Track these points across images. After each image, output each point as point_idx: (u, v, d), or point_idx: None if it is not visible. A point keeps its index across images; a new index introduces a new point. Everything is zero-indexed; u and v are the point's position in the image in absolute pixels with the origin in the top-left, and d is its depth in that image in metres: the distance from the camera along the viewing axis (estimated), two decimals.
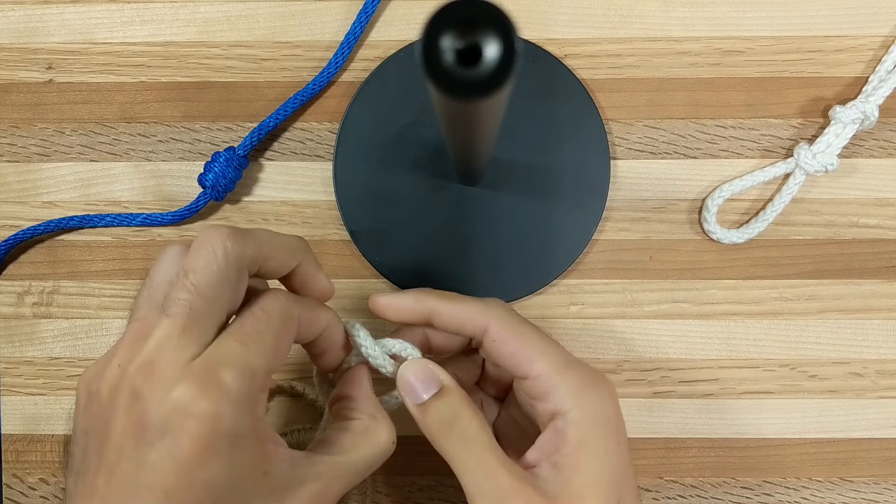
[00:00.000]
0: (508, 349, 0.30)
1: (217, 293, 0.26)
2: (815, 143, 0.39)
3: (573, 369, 0.30)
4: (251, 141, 0.39)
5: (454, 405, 0.30)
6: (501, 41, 0.19)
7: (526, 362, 0.30)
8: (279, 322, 0.27)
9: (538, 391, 0.30)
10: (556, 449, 0.29)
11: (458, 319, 0.31)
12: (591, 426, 0.29)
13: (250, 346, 0.26)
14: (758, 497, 0.39)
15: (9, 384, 0.40)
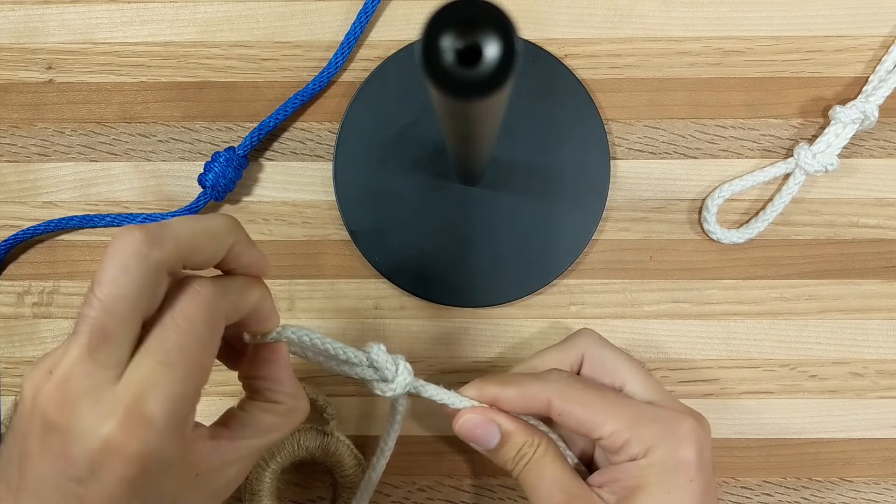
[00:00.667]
0: (574, 420, 0.31)
1: (129, 307, 0.23)
2: (815, 143, 0.39)
3: (644, 421, 0.31)
4: (251, 141, 0.39)
5: (518, 445, 0.32)
6: (501, 41, 0.19)
7: (595, 427, 0.31)
8: (205, 329, 0.25)
9: (613, 448, 0.31)
10: (618, 479, 0.31)
11: (522, 403, 0.32)
12: (658, 470, 0.30)
13: (176, 368, 0.24)
14: (758, 497, 0.39)
15: (9, 384, 0.40)
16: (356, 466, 0.37)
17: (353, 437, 0.38)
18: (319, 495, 0.39)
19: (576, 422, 0.31)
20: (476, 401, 0.32)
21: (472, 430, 0.32)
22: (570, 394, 0.31)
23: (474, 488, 0.39)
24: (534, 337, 0.39)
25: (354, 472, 0.37)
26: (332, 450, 0.37)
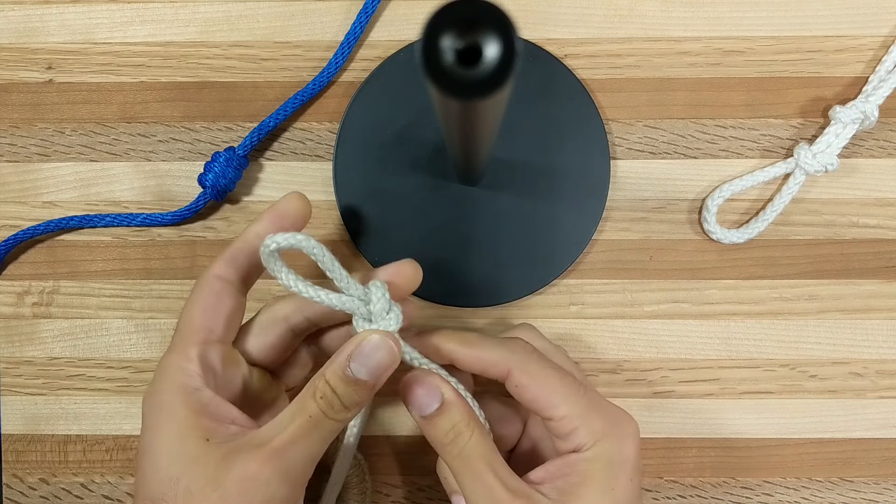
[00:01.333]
0: (530, 395, 0.31)
1: None
2: (815, 143, 0.39)
3: (595, 412, 0.30)
4: (251, 141, 0.39)
5: (455, 420, 0.30)
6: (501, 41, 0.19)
7: (549, 407, 0.30)
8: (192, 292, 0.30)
9: (561, 432, 0.31)
10: (562, 475, 0.30)
11: (480, 365, 0.31)
12: (604, 464, 0.30)
13: None
14: (758, 497, 0.39)
15: (9, 384, 0.40)
16: (356, 467, 0.37)
17: None
18: (319, 495, 0.39)
19: (531, 397, 0.30)
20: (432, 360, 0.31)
21: (413, 388, 0.30)
22: (531, 368, 0.31)
23: None
24: None
25: (354, 472, 0.37)
26: (331, 450, 0.37)
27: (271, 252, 0.28)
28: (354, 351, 0.28)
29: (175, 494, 0.27)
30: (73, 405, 0.40)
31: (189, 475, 0.27)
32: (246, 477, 0.27)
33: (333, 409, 0.28)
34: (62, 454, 0.40)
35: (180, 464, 0.28)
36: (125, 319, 0.40)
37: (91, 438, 0.40)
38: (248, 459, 0.27)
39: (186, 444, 0.28)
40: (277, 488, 0.27)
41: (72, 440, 0.40)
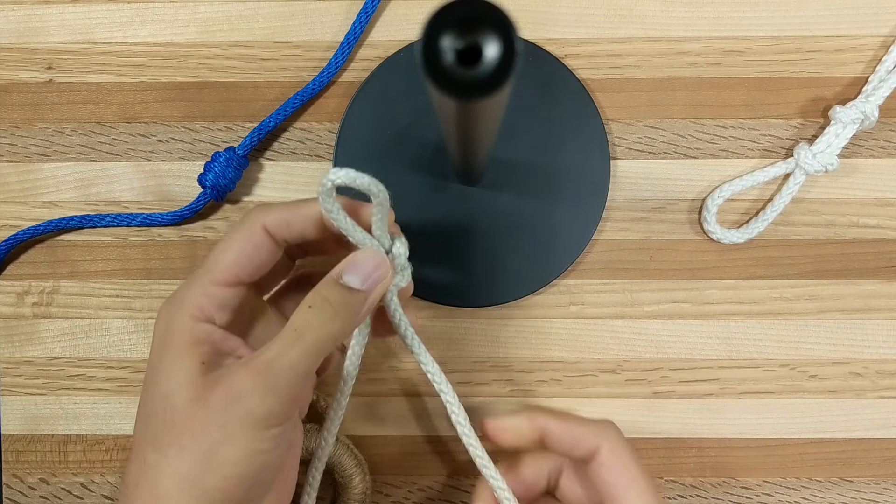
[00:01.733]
0: (610, 478, 0.31)
1: None
2: (815, 143, 0.39)
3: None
4: (251, 141, 0.39)
5: None
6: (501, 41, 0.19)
7: (618, 497, 0.30)
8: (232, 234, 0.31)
9: None
10: None
11: (571, 439, 0.32)
12: None
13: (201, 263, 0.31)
14: (758, 497, 0.39)
15: (9, 384, 0.40)
16: (356, 466, 0.37)
17: (353, 437, 0.38)
18: (319, 495, 0.39)
19: (611, 480, 0.31)
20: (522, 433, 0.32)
21: None
22: (619, 451, 0.31)
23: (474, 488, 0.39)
24: (534, 337, 0.39)
25: (354, 472, 0.37)
26: (331, 450, 0.37)
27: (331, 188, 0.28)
28: (347, 263, 0.29)
29: (164, 410, 0.28)
30: (73, 405, 0.40)
31: (178, 393, 0.28)
32: (230, 391, 0.27)
33: (322, 317, 0.28)
34: (62, 454, 0.40)
35: (173, 382, 0.28)
36: (125, 319, 0.40)
37: (91, 438, 0.40)
38: (233, 375, 0.27)
39: (182, 365, 0.28)
40: (262, 400, 0.27)
41: (72, 440, 0.40)
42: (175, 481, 0.27)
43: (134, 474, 0.28)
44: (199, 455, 0.27)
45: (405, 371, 0.39)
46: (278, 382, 0.27)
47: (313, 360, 0.28)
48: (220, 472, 0.27)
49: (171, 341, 0.29)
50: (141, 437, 0.28)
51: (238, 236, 0.31)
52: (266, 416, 0.27)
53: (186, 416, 0.27)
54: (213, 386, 0.27)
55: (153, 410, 0.28)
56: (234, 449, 0.27)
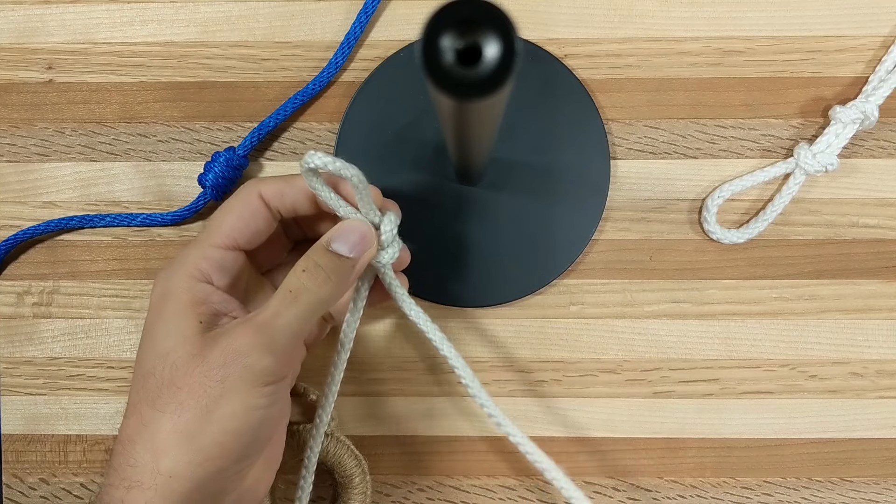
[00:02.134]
0: None
1: None
2: (815, 143, 0.39)
3: None
4: (251, 141, 0.39)
5: None
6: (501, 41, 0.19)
7: None
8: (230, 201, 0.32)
9: None
10: None
11: None
12: None
13: None
14: (758, 497, 0.39)
15: (9, 384, 0.40)
16: (356, 467, 0.37)
17: (352, 438, 0.38)
18: (319, 495, 0.39)
19: None
20: None
21: None
22: None
23: (474, 488, 0.39)
24: (534, 337, 0.39)
25: (354, 472, 0.37)
26: (331, 450, 0.37)
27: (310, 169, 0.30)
28: (335, 231, 0.31)
29: (163, 368, 0.28)
30: (73, 405, 0.40)
31: (177, 351, 0.29)
32: (228, 349, 0.28)
33: (316, 280, 0.30)
34: (62, 454, 0.40)
35: (171, 341, 0.29)
36: (125, 319, 0.40)
37: (91, 438, 0.40)
38: (232, 333, 0.29)
39: (181, 324, 0.29)
40: (259, 357, 0.28)
41: (72, 440, 0.40)
42: (173, 437, 0.27)
43: (129, 432, 0.28)
44: (197, 410, 0.27)
45: (405, 371, 0.39)
46: (275, 340, 0.29)
47: (307, 320, 0.30)
48: (219, 425, 0.28)
49: (169, 301, 0.30)
50: (137, 396, 0.29)
51: (236, 202, 0.32)
52: (264, 372, 0.28)
53: (185, 372, 0.28)
54: (211, 344, 0.28)
55: (151, 369, 0.29)
56: (232, 403, 0.28)
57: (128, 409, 0.29)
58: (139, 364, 0.30)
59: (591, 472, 0.39)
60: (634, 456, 0.39)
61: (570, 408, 0.39)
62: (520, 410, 0.39)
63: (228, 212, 0.32)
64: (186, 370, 0.28)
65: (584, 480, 0.39)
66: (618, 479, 0.39)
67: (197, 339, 0.29)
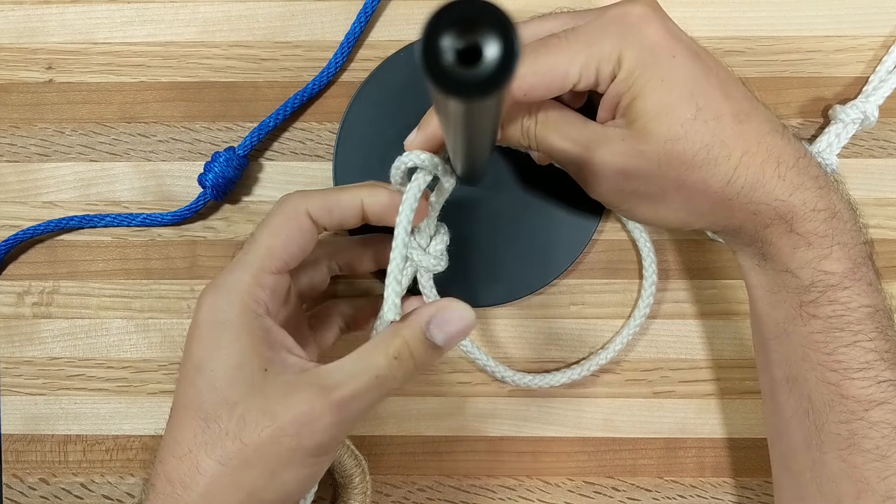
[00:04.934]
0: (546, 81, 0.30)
1: None
2: (814, 143, 0.38)
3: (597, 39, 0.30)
4: (251, 141, 0.39)
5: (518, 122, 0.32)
6: (502, 41, 0.19)
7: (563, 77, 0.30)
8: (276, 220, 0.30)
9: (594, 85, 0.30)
10: (617, 103, 0.30)
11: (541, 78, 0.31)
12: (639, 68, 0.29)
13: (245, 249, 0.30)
14: (758, 497, 0.39)
15: (9, 384, 0.40)
16: (356, 467, 0.37)
17: (353, 438, 0.38)
18: (319, 495, 0.39)
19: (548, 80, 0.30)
20: None
21: None
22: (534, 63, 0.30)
23: (474, 488, 0.39)
24: (534, 337, 0.39)
25: (354, 472, 0.37)
26: None
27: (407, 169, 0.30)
28: (436, 315, 0.28)
29: (230, 419, 0.27)
30: (73, 405, 0.40)
31: (246, 403, 0.27)
32: (304, 418, 0.27)
33: (405, 372, 0.28)
34: (62, 454, 0.40)
35: (239, 389, 0.28)
36: (125, 319, 0.40)
37: (91, 438, 0.40)
38: (310, 401, 0.27)
39: (246, 371, 0.28)
40: (332, 435, 0.27)
41: (72, 440, 0.40)
42: (233, 493, 0.27)
43: (182, 476, 0.27)
44: (263, 471, 0.27)
45: None
46: (349, 419, 0.28)
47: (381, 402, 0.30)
48: (281, 489, 0.28)
49: (226, 335, 0.28)
50: (194, 439, 0.28)
51: (284, 222, 0.30)
52: (330, 448, 0.28)
53: (254, 430, 0.27)
54: (283, 402, 0.27)
55: (214, 415, 0.27)
56: (298, 473, 0.28)
57: (177, 447, 0.28)
58: (196, 402, 0.28)
59: (591, 472, 0.39)
60: (634, 456, 0.39)
61: (569, 408, 0.39)
62: (520, 411, 0.39)
63: (277, 233, 0.30)
64: (256, 427, 0.27)
65: (584, 480, 0.39)
66: (618, 479, 0.39)
67: (267, 391, 0.27)
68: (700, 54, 0.30)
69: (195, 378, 0.28)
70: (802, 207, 0.30)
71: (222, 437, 0.27)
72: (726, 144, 0.29)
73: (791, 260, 0.30)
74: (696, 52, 0.30)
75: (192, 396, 0.28)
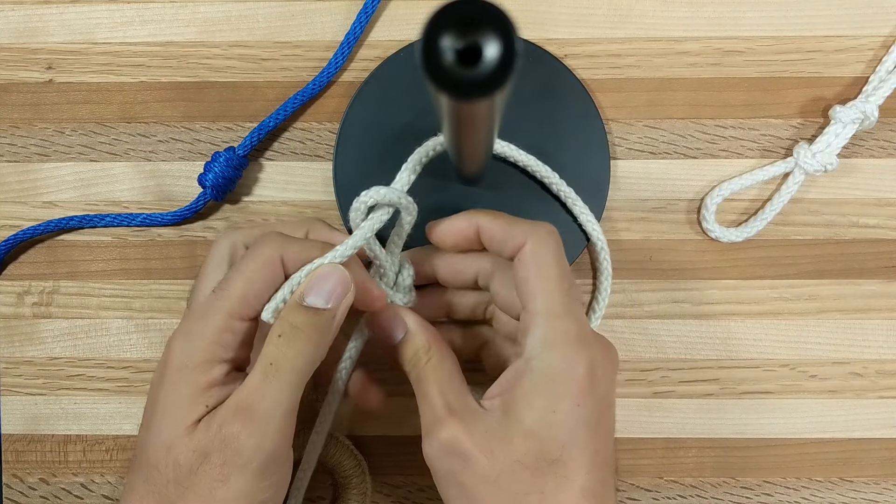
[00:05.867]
0: (523, 274, 0.30)
1: None
2: (814, 143, 0.39)
3: (564, 322, 0.29)
4: (251, 141, 0.39)
5: (416, 346, 0.31)
6: (501, 41, 0.19)
7: (528, 293, 0.29)
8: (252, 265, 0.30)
9: (524, 327, 0.29)
10: (508, 388, 0.29)
11: (501, 235, 0.31)
12: (547, 381, 0.28)
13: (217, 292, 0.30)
14: (758, 497, 0.39)
15: (9, 384, 0.40)
16: (356, 467, 0.37)
17: (352, 438, 0.38)
18: (319, 495, 0.39)
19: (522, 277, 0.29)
20: None
21: (381, 320, 0.32)
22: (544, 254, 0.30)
23: None
24: None
25: (354, 472, 0.37)
26: (331, 450, 0.37)
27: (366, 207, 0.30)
28: (308, 284, 0.29)
29: (167, 464, 0.28)
30: (73, 405, 0.40)
31: (179, 447, 0.28)
32: (226, 444, 0.27)
33: (295, 345, 0.28)
34: (62, 454, 0.40)
35: (173, 432, 0.28)
36: (125, 319, 0.40)
37: (91, 438, 0.40)
38: (226, 423, 0.28)
39: (184, 413, 0.28)
40: (257, 450, 0.27)
41: (72, 440, 0.40)
42: None
43: None
44: None
45: None
46: (268, 426, 0.28)
47: (295, 390, 0.28)
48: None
49: (183, 379, 0.29)
50: (143, 486, 0.28)
51: (260, 269, 0.30)
52: (265, 465, 0.28)
53: (189, 471, 0.27)
54: (210, 436, 0.28)
55: (155, 461, 0.28)
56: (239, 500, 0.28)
57: (132, 496, 0.29)
58: (143, 447, 0.29)
59: None
60: (634, 456, 0.39)
61: None
62: None
63: (252, 280, 0.30)
64: (190, 469, 0.27)
65: None
66: (618, 479, 0.39)
67: (199, 432, 0.28)
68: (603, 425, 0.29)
69: (146, 420, 0.29)
70: None
71: (165, 483, 0.28)
72: None
73: None
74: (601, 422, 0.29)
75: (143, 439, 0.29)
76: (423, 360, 0.31)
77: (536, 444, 0.28)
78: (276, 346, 0.28)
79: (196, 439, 0.28)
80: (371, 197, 0.30)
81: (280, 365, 0.28)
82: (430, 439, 0.29)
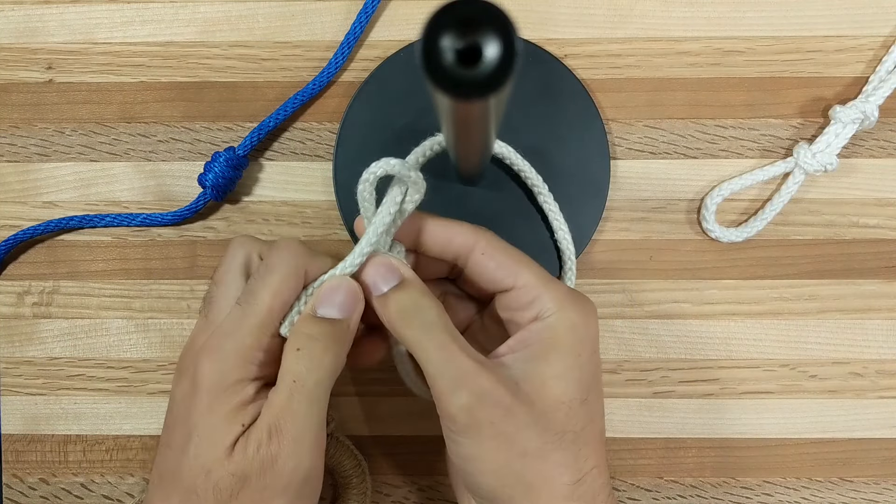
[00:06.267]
0: (494, 263, 0.30)
1: None
2: (814, 143, 0.39)
3: (556, 284, 0.30)
4: (251, 141, 0.39)
5: (414, 295, 0.29)
6: (501, 41, 0.19)
7: (511, 274, 0.30)
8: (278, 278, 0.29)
9: (522, 301, 0.30)
10: (526, 345, 0.29)
11: (445, 237, 0.31)
12: (569, 332, 0.29)
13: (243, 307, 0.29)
14: (758, 497, 0.39)
15: (9, 384, 0.40)
16: (356, 467, 0.37)
17: (352, 438, 0.38)
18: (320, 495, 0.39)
19: (495, 266, 0.30)
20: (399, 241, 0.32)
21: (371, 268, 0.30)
22: (497, 241, 0.31)
23: None
24: None
25: (354, 472, 0.37)
26: (331, 450, 0.37)
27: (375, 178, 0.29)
28: (318, 297, 0.29)
29: (206, 489, 0.27)
30: (73, 405, 0.40)
31: (219, 471, 0.27)
32: (265, 466, 0.27)
33: (314, 357, 0.28)
34: (62, 454, 0.40)
35: (212, 454, 0.28)
36: (125, 319, 0.40)
37: (91, 438, 0.40)
38: (262, 444, 0.27)
39: (222, 435, 0.28)
40: (295, 469, 0.27)
41: (72, 440, 0.40)
42: None
43: None
44: None
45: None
46: (303, 445, 0.28)
47: (322, 404, 0.28)
48: None
49: (215, 403, 0.28)
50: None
51: (286, 281, 0.29)
52: (302, 485, 0.28)
53: (230, 495, 0.27)
54: (249, 457, 0.27)
55: (193, 486, 0.28)
56: None
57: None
58: (177, 470, 0.28)
59: None
60: (634, 456, 0.39)
61: None
62: None
63: (278, 293, 0.29)
64: (231, 493, 0.27)
65: None
66: (618, 479, 0.39)
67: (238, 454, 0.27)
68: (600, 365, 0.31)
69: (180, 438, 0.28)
70: None
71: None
72: None
73: None
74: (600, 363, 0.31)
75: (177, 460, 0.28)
76: (427, 306, 0.29)
77: (571, 386, 0.29)
78: (296, 361, 0.28)
79: (234, 462, 0.27)
80: (381, 167, 0.29)
81: (304, 380, 0.28)
82: (460, 393, 0.27)
